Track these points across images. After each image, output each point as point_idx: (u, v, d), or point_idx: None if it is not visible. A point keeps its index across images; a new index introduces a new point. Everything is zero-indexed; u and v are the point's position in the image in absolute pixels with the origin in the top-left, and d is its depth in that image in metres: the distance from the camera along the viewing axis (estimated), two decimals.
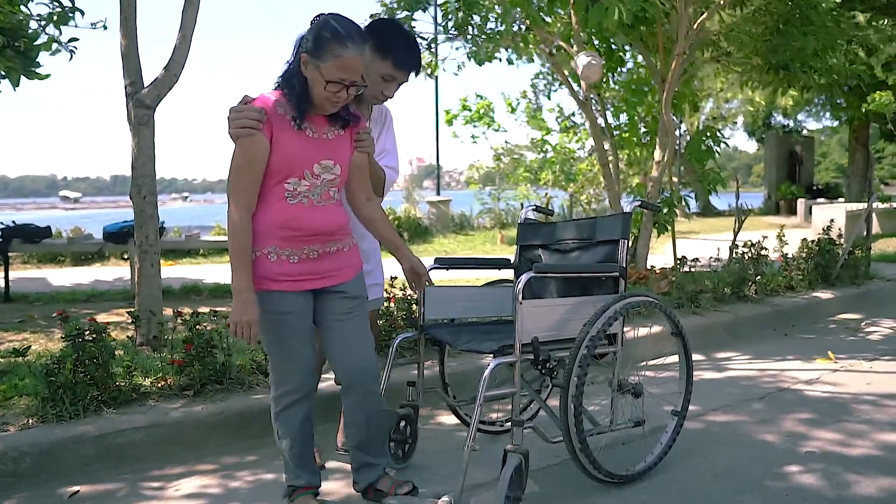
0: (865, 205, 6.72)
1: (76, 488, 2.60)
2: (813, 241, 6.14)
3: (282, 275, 2.18)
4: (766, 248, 5.60)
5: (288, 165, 2.13)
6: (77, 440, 2.72)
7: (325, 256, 2.24)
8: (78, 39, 4.73)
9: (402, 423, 2.74)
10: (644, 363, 3.74)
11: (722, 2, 5.54)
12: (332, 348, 2.32)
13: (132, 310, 3.82)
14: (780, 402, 3.49)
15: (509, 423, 2.35)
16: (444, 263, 2.78)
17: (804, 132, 24.59)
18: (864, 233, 6.70)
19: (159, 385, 3.19)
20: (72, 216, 31.26)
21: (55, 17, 4.67)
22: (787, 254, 6.11)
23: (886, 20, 6.35)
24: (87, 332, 2.97)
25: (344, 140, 2.27)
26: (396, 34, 2.53)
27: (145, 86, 3.97)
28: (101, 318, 4.91)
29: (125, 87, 4.00)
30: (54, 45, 4.81)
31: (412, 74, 2.58)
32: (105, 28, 4.77)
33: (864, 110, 12.11)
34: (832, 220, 6.62)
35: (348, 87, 2.13)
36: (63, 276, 8.14)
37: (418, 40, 2.65)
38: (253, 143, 2.10)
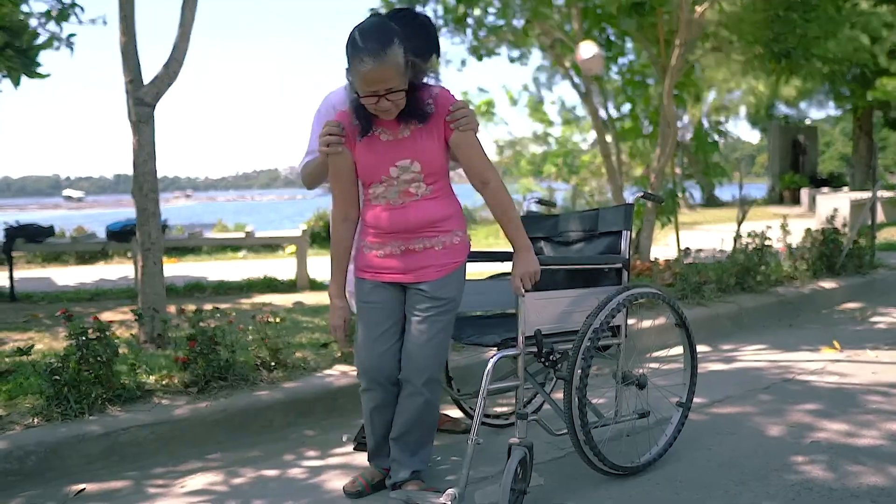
0: (870, 193, 6.69)
1: (81, 486, 2.61)
2: (817, 231, 6.11)
3: (368, 266, 2.32)
4: (770, 239, 5.57)
5: (367, 173, 2.25)
6: (82, 438, 2.73)
7: (408, 253, 2.26)
8: (75, 35, 4.72)
9: None
10: (648, 355, 3.73)
11: None
12: (404, 341, 2.34)
13: (135, 308, 3.82)
14: (785, 392, 3.48)
15: (514, 417, 2.34)
16: None
17: (807, 121, 24.48)
18: (869, 221, 6.67)
19: (163, 382, 3.19)
20: (75, 215, 31.34)
21: (54, 14, 4.67)
22: (791, 244, 6.08)
23: (887, 5, 6.31)
24: (91, 331, 2.97)
25: (424, 132, 2.22)
26: (414, 25, 2.49)
27: (145, 83, 3.97)
28: (105, 316, 4.92)
29: (125, 85, 3.99)
30: (55, 42, 4.80)
31: (434, 58, 2.57)
32: (105, 23, 4.77)
33: (868, 98, 12.05)
34: (836, 210, 6.59)
35: (384, 95, 2.10)
36: (67, 276, 8.16)
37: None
38: (336, 160, 2.27)
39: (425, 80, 2.25)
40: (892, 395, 3.35)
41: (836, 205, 9.42)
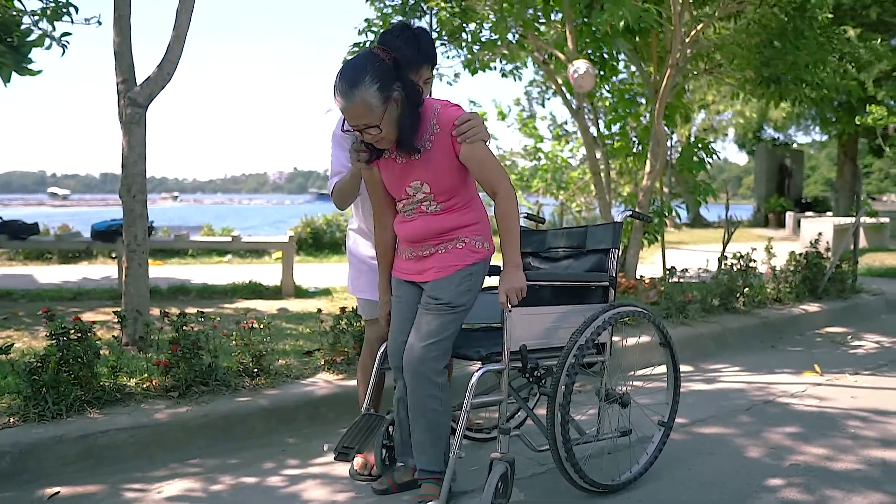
0: (853, 219, 6.77)
1: (56, 489, 2.57)
2: (801, 254, 6.18)
3: (397, 267, 2.53)
4: (754, 260, 5.63)
5: (392, 191, 2.43)
6: (59, 440, 2.69)
7: (419, 258, 2.43)
8: (71, 34, 4.67)
9: (391, 429, 2.73)
10: (632, 373, 3.75)
11: (716, 14, 5.58)
12: None
13: (118, 309, 3.78)
14: (765, 414, 3.50)
15: (496, 431, 2.34)
16: None
17: (794, 145, 24.79)
18: (852, 247, 6.75)
19: (144, 386, 3.16)
20: (60, 213, 31.08)
21: (48, 13, 4.63)
22: (775, 266, 6.14)
23: (880, 39, 6.44)
24: (72, 331, 2.94)
25: (431, 154, 2.28)
26: (405, 37, 2.50)
27: (138, 84, 3.95)
28: (87, 316, 4.87)
29: (117, 85, 3.97)
30: (47, 41, 4.77)
31: (431, 68, 2.59)
32: (99, 24, 4.73)
33: (856, 124, 12.22)
34: (820, 234, 6.66)
35: (363, 130, 2.23)
36: (50, 274, 8.07)
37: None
38: (368, 174, 2.46)
39: (426, 96, 2.28)
40: (871, 421, 3.38)
41: (819, 229, 9.51)
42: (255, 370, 3.39)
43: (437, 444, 2.38)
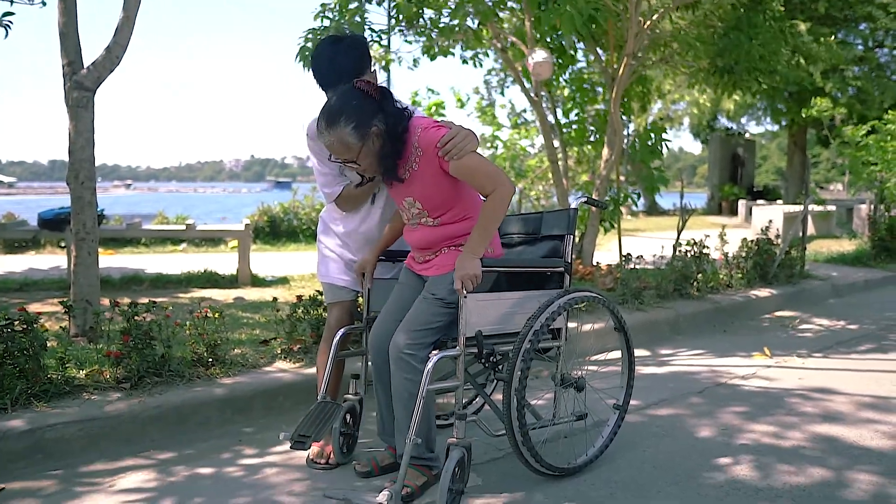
0: (802, 207, 6.97)
1: (2, 486, 2.49)
2: (752, 241, 6.34)
3: (408, 262, 2.62)
4: (707, 247, 5.75)
5: (395, 200, 2.52)
6: (3, 436, 2.61)
7: (426, 260, 2.51)
8: (14, 14, 4.49)
9: (347, 416, 2.72)
10: (587, 358, 3.80)
11: (672, 3, 5.65)
12: None
13: (65, 300, 3.68)
14: (717, 396, 3.59)
15: (453, 417, 2.35)
16: (390, 256, 2.77)
17: (746, 135, 25.36)
18: (800, 234, 6.95)
19: (95, 378, 3.08)
20: (5, 201, 30.04)
21: None
22: (727, 253, 6.29)
23: (825, 30, 6.63)
24: (17, 323, 2.85)
25: (418, 175, 2.34)
26: (340, 48, 2.57)
27: (85, 67, 3.83)
28: (34, 307, 4.72)
29: (63, 68, 3.84)
30: None
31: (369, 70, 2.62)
32: (43, 4, 4.55)
33: (803, 115, 12.56)
34: (770, 221, 6.86)
35: (344, 163, 2.33)
36: None
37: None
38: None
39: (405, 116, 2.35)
40: (816, 400, 3.49)
41: (770, 216, 9.78)
42: (210, 360, 3.34)
43: (419, 431, 2.38)
